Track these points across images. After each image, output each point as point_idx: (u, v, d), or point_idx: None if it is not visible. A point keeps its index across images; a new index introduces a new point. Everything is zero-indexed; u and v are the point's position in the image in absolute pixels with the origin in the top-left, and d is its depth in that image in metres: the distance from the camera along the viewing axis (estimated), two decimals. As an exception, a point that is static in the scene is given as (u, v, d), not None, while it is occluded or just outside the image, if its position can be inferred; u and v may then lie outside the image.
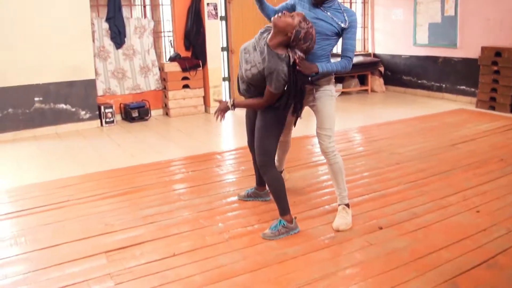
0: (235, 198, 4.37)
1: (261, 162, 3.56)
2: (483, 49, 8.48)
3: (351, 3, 11.15)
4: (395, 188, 4.49)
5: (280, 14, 3.21)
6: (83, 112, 7.82)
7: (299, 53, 3.21)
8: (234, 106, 3.55)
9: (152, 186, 4.74)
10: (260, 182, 4.21)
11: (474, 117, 7.74)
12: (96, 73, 8.07)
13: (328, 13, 3.48)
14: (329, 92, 3.67)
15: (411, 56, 10.39)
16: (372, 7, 11.29)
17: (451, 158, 5.41)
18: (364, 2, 11.34)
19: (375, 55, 11.26)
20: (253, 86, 3.44)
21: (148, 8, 8.70)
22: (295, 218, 3.64)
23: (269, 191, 3.87)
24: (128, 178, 5.02)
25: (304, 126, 5.50)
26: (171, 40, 8.88)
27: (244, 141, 4.42)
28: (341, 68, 3.54)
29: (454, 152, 5.69)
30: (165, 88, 8.56)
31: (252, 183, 4.52)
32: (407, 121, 7.59)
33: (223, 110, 3.58)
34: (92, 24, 7.91)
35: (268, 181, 3.58)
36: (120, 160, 5.81)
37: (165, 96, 8.60)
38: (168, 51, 8.97)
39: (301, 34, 3.17)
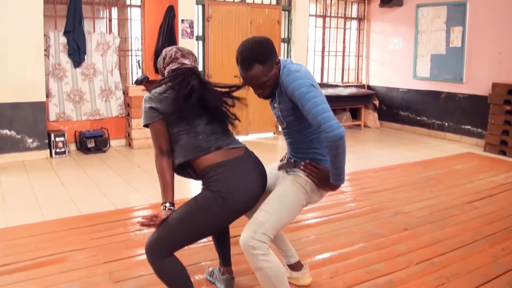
0: (203, 276, 3.19)
1: (146, 248, 2.48)
2: (495, 85, 7.45)
3: (344, 30, 10.16)
4: (405, 270, 3.32)
5: None
6: (30, 140, 6.62)
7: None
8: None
9: (79, 254, 3.51)
10: (223, 261, 3.03)
11: (486, 164, 6.66)
12: (49, 95, 6.91)
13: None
14: (298, 178, 2.58)
15: (410, 90, 9.35)
16: (368, 35, 10.29)
17: (470, 224, 4.27)
18: (358, 29, 10.35)
19: (369, 87, 10.21)
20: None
21: (114, 22, 7.58)
22: None
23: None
24: (53, 238, 3.79)
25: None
26: (139, 60, 7.75)
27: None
28: (333, 152, 2.33)
29: (472, 213, 4.56)
30: (128, 115, 7.39)
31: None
32: (410, 166, 6.47)
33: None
34: (47, 37, 6.79)
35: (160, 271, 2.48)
36: (56, 207, 4.60)
37: (128, 125, 7.42)
38: (135, 72, 7.82)
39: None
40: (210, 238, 3.15)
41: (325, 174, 2.49)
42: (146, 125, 2.55)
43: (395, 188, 5.39)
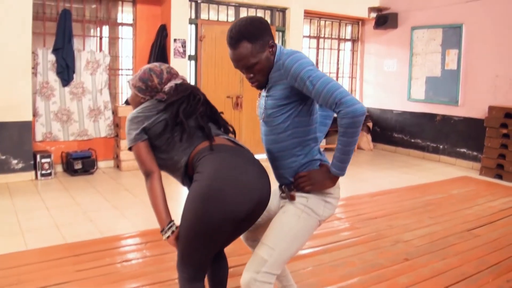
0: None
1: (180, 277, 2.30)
2: (491, 109, 7.35)
3: (338, 51, 10.06)
4: (409, 306, 3.14)
5: None
6: (15, 161, 6.39)
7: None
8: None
9: None
10: None
11: (483, 189, 6.51)
12: (36, 114, 6.70)
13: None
14: (299, 204, 2.24)
15: (404, 112, 9.24)
16: (362, 56, 10.21)
17: (472, 253, 4.10)
18: (352, 51, 10.27)
19: (363, 109, 10.05)
20: None
21: (105, 40, 7.41)
22: None
23: None
24: (35, 270, 3.56)
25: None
26: (129, 80, 7.53)
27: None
28: (351, 132, 2.01)
29: (473, 242, 4.39)
30: (117, 135, 7.19)
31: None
32: (406, 191, 6.31)
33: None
34: (35, 54, 6.61)
35: None
36: (40, 233, 4.38)
37: (117, 146, 7.21)
38: (125, 92, 7.63)
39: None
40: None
41: (317, 173, 2.20)
42: (130, 148, 2.33)
43: (392, 214, 5.21)
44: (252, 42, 2.14)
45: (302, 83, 2.06)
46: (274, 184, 2.33)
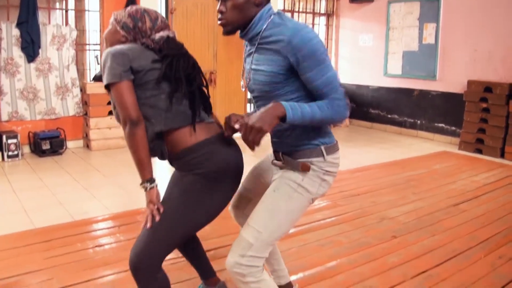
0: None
1: (135, 264, 2.04)
2: (470, 83, 7.24)
3: (313, 25, 9.83)
4: (401, 286, 2.97)
5: None
6: (-22, 142, 6.04)
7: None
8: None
9: (32, 278, 3.01)
10: (204, 274, 2.62)
11: (464, 163, 6.43)
12: (1, 92, 6.33)
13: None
14: (292, 183, 2.01)
15: (380, 88, 9.09)
16: (337, 31, 10.00)
17: (460, 229, 3.98)
18: (327, 25, 10.04)
19: (339, 85, 9.88)
20: None
21: (71, 14, 7.03)
22: None
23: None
24: (4, 257, 3.29)
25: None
26: (97, 55, 7.21)
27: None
28: (331, 114, 1.83)
29: (460, 217, 4.27)
30: (86, 114, 6.86)
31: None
32: (387, 166, 6.17)
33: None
34: (-1, 29, 6.21)
35: None
36: (7, 218, 4.10)
37: (86, 124, 6.89)
38: (94, 68, 7.29)
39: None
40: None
41: (266, 114, 1.76)
42: (108, 86, 2.00)
43: (375, 190, 5.06)
44: None
45: (307, 68, 1.85)
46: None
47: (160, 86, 2.02)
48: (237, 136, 1.98)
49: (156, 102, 2.02)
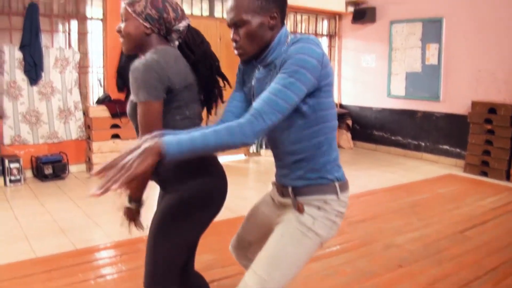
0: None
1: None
2: (474, 104, 7.21)
3: (316, 45, 9.78)
4: (410, 319, 2.92)
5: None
6: (-20, 167, 6.01)
7: None
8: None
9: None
10: None
11: (469, 187, 6.37)
12: (3, 116, 6.33)
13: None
14: (301, 226, 1.89)
15: (384, 109, 9.06)
16: (340, 52, 10.00)
17: (468, 258, 3.90)
18: (330, 46, 10.05)
19: (341, 106, 9.88)
20: None
21: (74, 36, 7.04)
22: None
23: None
24: (-1, 286, 3.26)
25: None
26: (100, 78, 7.21)
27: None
28: (222, 139, 1.61)
29: (466, 245, 4.20)
30: (89, 137, 6.83)
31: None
32: (392, 191, 6.12)
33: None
34: (1, 52, 6.22)
35: None
36: (8, 246, 4.05)
37: (89, 148, 6.85)
38: (96, 91, 7.28)
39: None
40: None
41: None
42: (134, 104, 1.93)
43: (381, 216, 5.01)
44: None
45: (281, 70, 1.73)
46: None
47: (185, 111, 2.01)
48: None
49: (176, 124, 1.99)
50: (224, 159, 7.79)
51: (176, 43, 2.13)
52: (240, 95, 2.06)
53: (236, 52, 1.91)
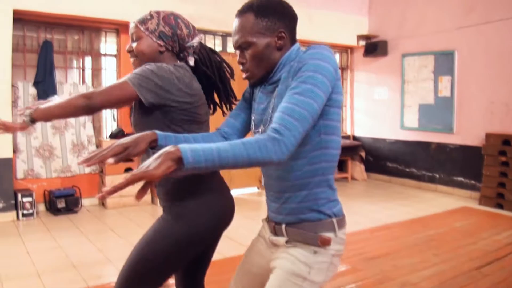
0: None
1: None
2: (488, 136, 7.15)
3: (328, 78, 9.81)
4: None
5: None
6: (-6, 201, 6.04)
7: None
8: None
9: None
10: None
11: (485, 221, 6.26)
12: (17, 150, 6.38)
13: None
14: (296, 278, 1.70)
15: (397, 141, 9.02)
16: (352, 84, 10.04)
17: (486, 295, 3.83)
18: (342, 79, 10.05)
19: (355, 138, 9.86)
20: None
21: (88, 72, 7.14)
22: None
23: None
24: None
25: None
26: (113, 113, 7.27)
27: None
28: (246, 155, 1.43)
29: (484, 283, 4.10)
30: (102, 171, 6.86)
31: None
32: (407, 225, 6.04)
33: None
34: (16, 88, 6.31)
35: None
36: (19, 283, 4.02)
37: (102, 182, 6.88)
38: (110, 125, 7.34)
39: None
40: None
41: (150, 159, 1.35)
42: (138, 113, 1.95)
43: (395, 252, 4.92)
44: (257, 17, 1.73)
45: (296, 79, 1.60)
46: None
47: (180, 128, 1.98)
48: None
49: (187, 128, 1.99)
50: (235, 192, 7.75)
51: (191, 61, 2.11)
52: (238, 113, 2.00)
53: (243, 75, 1.82)
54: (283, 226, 1.77)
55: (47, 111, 1.88)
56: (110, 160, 1.45)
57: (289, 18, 1.77)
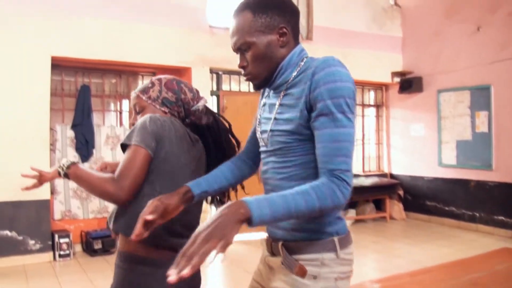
0: None
1: None
2: (529, 173, 6.95)
3: (363, 116, 9.79)
4: None
5: None
6: (32, 242, 6.12)
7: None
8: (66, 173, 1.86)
9: None
10: None
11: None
12: (55, 191, 6.50)
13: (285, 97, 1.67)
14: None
15: (436, 179, 8.83)
16: (388, 122, 9.93)
17: None
18: (377, 116, 10.00)
19: (392, 176, 9.71)
20: None
21: (125, 115, 7.27)
22: None
23: None
24: None
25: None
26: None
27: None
28: (320, 203, 1.39)
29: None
30: (137, 212, 6.90)
31: None
32: (448, 268, 5.85)
33: None
34: (54, 131, 6.47)
35: None
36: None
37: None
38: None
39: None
40: None
41: (223, 223, 1.24)
42: (124, 146, 1.80)
43: (436, 297, 4.78)
44: (255, 14, 1.60)
45: (315, 111, 1.50)
46: None
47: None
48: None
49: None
50: (241, 237, 7.26)
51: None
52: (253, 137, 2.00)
53: (245, 79, 1.72)
54: (280, 244, 1.64)
55: (79, 179, 1.83)
56: (149, 217, 1.50)
57: (290, 12, 1.65)
